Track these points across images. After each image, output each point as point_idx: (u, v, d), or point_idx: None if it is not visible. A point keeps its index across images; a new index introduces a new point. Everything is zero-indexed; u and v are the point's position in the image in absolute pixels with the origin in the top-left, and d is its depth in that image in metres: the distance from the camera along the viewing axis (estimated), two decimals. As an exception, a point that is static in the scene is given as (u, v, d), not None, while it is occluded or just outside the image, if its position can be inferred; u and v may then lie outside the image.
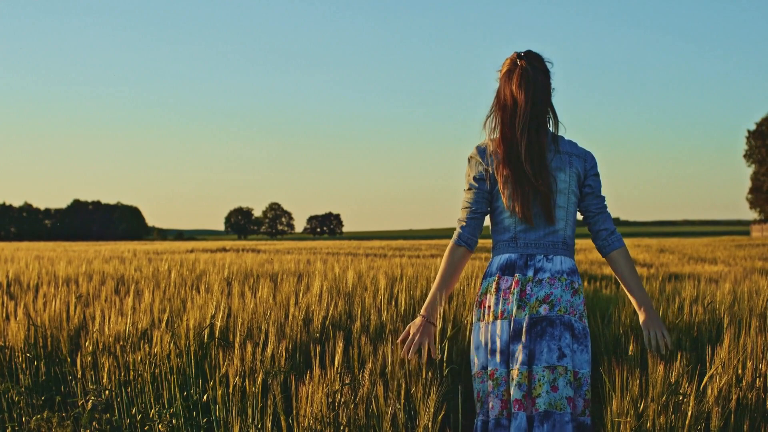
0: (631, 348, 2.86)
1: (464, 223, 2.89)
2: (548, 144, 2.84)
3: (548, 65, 2.87)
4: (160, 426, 3.40)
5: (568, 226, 2.85)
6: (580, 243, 21.18)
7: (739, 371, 2.70)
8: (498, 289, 2.80)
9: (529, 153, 2.78)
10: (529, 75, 2.80)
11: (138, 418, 3.52)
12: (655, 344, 2.79)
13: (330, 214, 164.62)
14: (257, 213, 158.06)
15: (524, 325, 2.71)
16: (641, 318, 2.85)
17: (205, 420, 3.31)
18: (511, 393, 2.67)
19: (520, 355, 2.69)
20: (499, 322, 2.76)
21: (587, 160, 2.89)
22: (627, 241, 26.28)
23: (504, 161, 2.80)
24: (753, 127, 67.74)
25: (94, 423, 3.56)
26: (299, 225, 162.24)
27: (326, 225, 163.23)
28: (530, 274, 2.78)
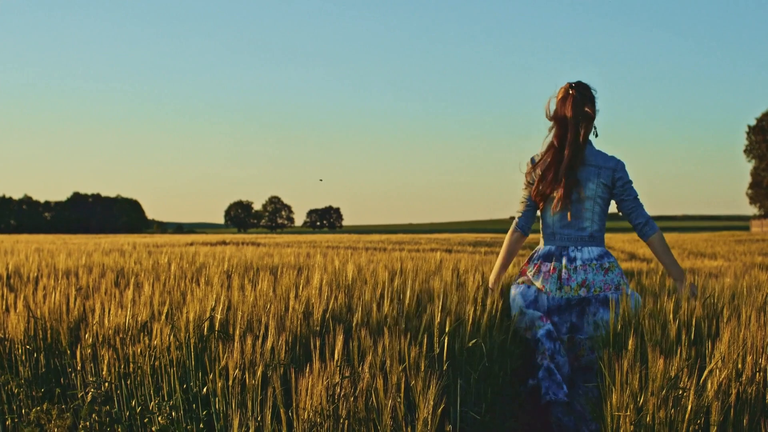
0: (631, 342, 2.86)
1: (520, 214, 3.89)
2: (586, 156, 3.72)
3: (593, 92, 3.77)
4: (159, 418, 3.40)
5: (594, 224, 3.73)
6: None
7: (739, 366, 2.69)
8: (539, 271, 3.72)
9: (570, 162, 3.67)
10: (578, 101, 3.71)
11: (137, 411, 3.52)
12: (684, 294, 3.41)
13: (330, 207, 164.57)
14: (257, 206, 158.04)
15: (563, 304, 3.61)
16: (677, 286, 3.79)
17: (204, 412, 3.31)
18: (557, 349, 3.54)
19: (563, 326, 3.61)
20: (539, 293, 3.68)
21: (616, 170, 3.74)
22: (627, 236, 26.74)
23: (546, 165, 3.73)
24: (753, 123, 67.69)
25: (93, 415, 3.56)
26: (299, 218, 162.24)
27: (326, 218, 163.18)
28: (565, 262, 3.66)
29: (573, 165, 3.66)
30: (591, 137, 3.77)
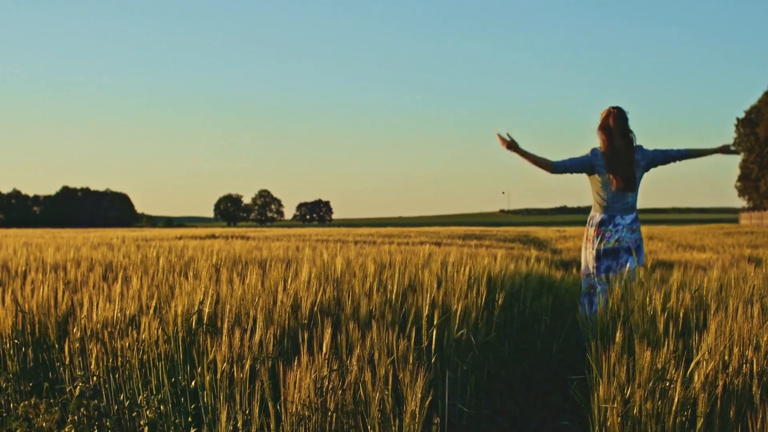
0: (618, 334, 2.87)
1: (563, 161, 5.58)
2: (635, 153, 5.50)
3: (626, 113, 5.55)
4: (147, 412, 3.39)
5: (634, 199, 5.58)
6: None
7: (726, 357, 2.70)
8: (595, 234, 5.58)
9: (617, 156, 5.49)
10: (618, 117, 5.51)
11: (126, 405, 3.51)
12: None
13: (319, 201, 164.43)
14: (247, 200, 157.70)
15: (602, 252, 5.52)
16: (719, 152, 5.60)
17: (193, 406, 3.30)
18: (598, 285, 5.43)
19: (602, 266, 5.50)
20: (592, 251, 5.58)
21: (645, 156, 5.52)
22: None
23: (605, 159, 5.50)
24: (742, 115, 67.85)
25: (81, 409, 3.55)
26: (289, 212, 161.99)
27: (316, 212, 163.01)
28: (610, 227, 5.55)
29: (622, 159, 5.42)
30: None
